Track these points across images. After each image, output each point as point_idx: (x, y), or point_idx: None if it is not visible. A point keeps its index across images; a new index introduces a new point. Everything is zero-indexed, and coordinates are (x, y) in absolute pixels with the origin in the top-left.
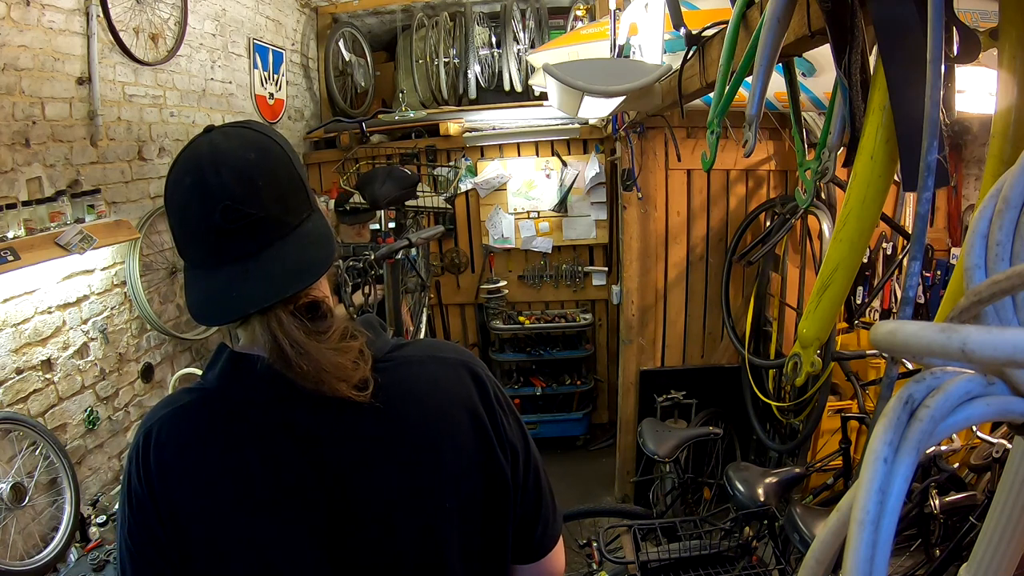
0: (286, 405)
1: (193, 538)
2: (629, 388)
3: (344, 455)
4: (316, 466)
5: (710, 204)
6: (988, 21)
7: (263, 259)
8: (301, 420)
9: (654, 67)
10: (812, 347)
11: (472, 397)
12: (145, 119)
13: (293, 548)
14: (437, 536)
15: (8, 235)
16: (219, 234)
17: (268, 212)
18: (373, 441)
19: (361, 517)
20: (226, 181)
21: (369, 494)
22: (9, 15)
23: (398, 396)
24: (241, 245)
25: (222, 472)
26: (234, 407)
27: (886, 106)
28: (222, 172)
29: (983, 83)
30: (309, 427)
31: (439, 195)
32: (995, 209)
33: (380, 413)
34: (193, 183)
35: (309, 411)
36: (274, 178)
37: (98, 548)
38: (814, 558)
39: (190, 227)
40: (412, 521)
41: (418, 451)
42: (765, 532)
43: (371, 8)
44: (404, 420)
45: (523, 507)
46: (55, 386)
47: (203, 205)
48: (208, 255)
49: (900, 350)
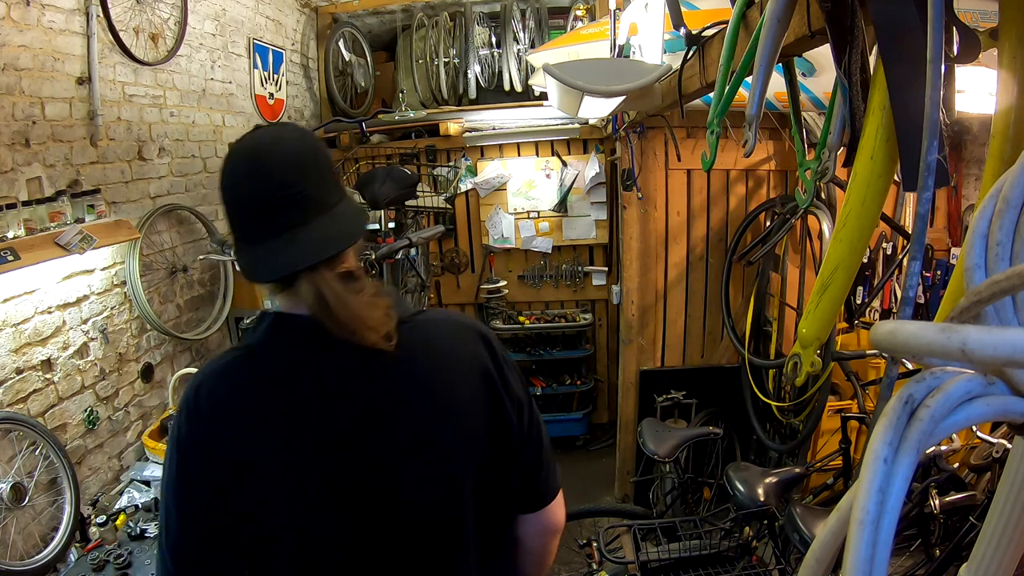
0: (323, 357)
1: (232, 484)
2: (629, 388)
3: (372, 403)
4: (347, 413)
5: (710, 204)
6: (988, 21)
7: (309, 228)
8: (336, 370)
9: (654, 67)
10: (812, 347)
11: (484, 356)
12: (145, 119)
13: (323, 493)
14: (454, 480)
15: (8, 235)
16: (272, 208)
17: (312, 191)
18: (398, 390)
19: (387, 462)
20: (279, 164)
21: (394, 440)
22: (9, 15)
23: (421, 351)
24: (290, 217)
25: (263, 421)
26: (276, 360)
27: (886, 106)
28: (275, 157)
29: (983, 83)
30: (342, 376)
31: (439, 195)
32: (995, 209)
33: (405, 365)
34: (251, 167)
35: (343, 362)
36: (316, 164)
37: (98, 548)
38: (814, 558)
39: (246, 204)
40: (432, 467)
41: (438, 401)
42: (765, 532)
43: (371, 8)
44: (426, 372)
45: (527, 457)
46: (55, 386)
47: (259, 184)
48: (261, 228)
49: (900, 350)
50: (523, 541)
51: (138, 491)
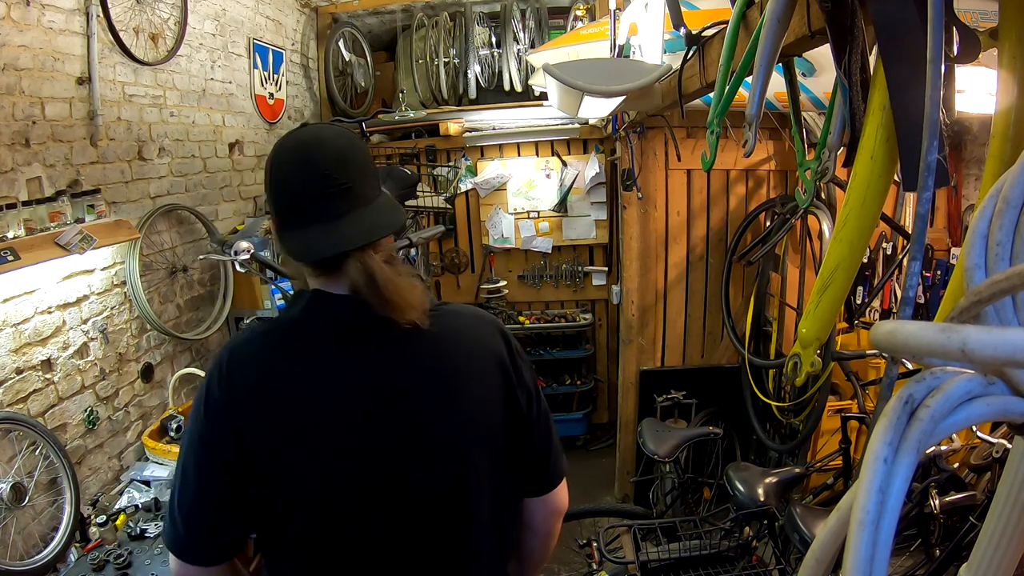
0: (363, 331)
1: (258, 448)
2: (629, 388)
3: (405, 377)
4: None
5: (710, 204)
6: (988, 21)
7: (353, 216)
8: (375, 344)
9: (654, 67)
10: (812, 347)
11: (499, 346)
12: (145, 119)
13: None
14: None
15: (8, 235)
16: (320, 197)
17: (355, 184)
18: (431, 367)
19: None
20: (327, 158)
21: (420, 413)
22: (9, 15)
23: (447, 337)
24: (335, 206)
25: (298, 390)
26: (317, 332)
27: (886, 106)
28: (323, 152)
29: (983, 83)
30: (380, 351)
31: (439, 195)
32: (995, 209)
33: (432, 348)
34: (300, 160)
35: (382, 337)
36: (359, 161)
37: (98, 548)
38: (814, 558)
39: (295, 194)
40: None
41: (459, 384)
42: (765, 532)
43: (371, 8)
44: (450, 357)
45: (538, 444)
46: (55, 386)
47: (308, 176)
48: (307, 216)
49: (900, 350)
50: (530, 523)
51: (138, 491)
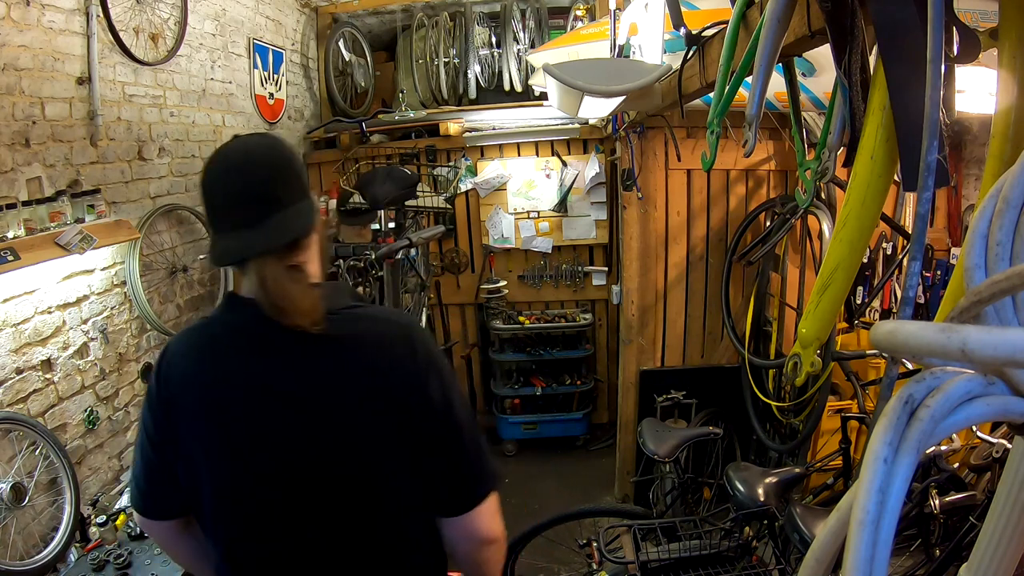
0: (257, 335)
1: (182, 433)
2: (629, 388)
3: (292, 378)
4: (270, 383)
5: (710, 204)
6: (988, 21)
7: (264, 223)
8: (268, 345)
9: (654, 67)
10: (812, 347)
11: (404, 355)
12: (145, 119)
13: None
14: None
15: (8, 235)
16: (234, 206)
17: (271, 191)
18: (316, 374)
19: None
20: (244, 168)
21: (304, 413)
22: (9, 15)
23: (345, 342)
24: (251, 212)
25: (206, 379)
26: (224, 330)
27: (886, 106)
28: (243, 161)
29: (983, 83)
30: (272, 351)
31: (439, 195)
32: (995, 209)
33: (329, 352)
34: (221, 170)
35: (275, 339)
36: (277, 169)
37: (98, 548)
38: (814, 558)
39: (215, 203)
40: (333, 450)
41: (347, 390)
42: (765, 532)
43: (371, 8)
44: (343, 363)
45: (442, 461)
46: (55, 386)
47: (226, 185)
48: (224, 222)
49: (900, 350)
50: (451, 549)
51: None
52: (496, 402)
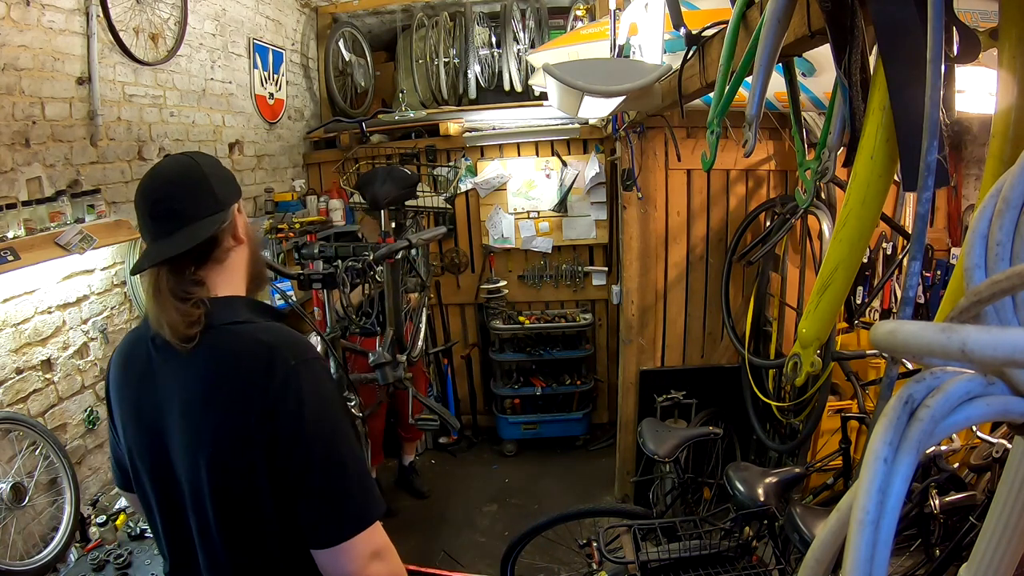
0: (157, 346)
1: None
2: (629, 388)
3: (166, 391)
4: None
5: (710, 204)
6: (988, 21)
7: (172, 236)
8: (153, 353)
9: (654, 67)
10: (812, 347)
11: (258, 374)
12: (145, 119)
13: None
14: (194, 475)
15: (8, 235)
16: (151, 218)
17: (180, 207)
18: (179, 387)
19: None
20: (157, 187)
21: (165, 422)
22: (9, 15)
23: (209, 358)
24: (163, 226)
25: (125, 380)
26: (138, 340)
27: (886, 106)
28: (159, 180)
29: (983, 83)
30: (155, 359)
31: (439, 195)
32: (995, 209)
33: (194, 366)
34: (141, 188)
35: (159, 347)
36: (187, 187)
37: (98, 548)
38: (814, 558)
39: (140, 217)
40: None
41: (200, 405)
42: (765, 532)
43: (371, 8)
44: (201, 379)
45: (299, 489)
46: (55, 386)
47: (144, 202)
48: (147, 234)
49: (900, 350)
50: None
51: None
52: (496, 402)
